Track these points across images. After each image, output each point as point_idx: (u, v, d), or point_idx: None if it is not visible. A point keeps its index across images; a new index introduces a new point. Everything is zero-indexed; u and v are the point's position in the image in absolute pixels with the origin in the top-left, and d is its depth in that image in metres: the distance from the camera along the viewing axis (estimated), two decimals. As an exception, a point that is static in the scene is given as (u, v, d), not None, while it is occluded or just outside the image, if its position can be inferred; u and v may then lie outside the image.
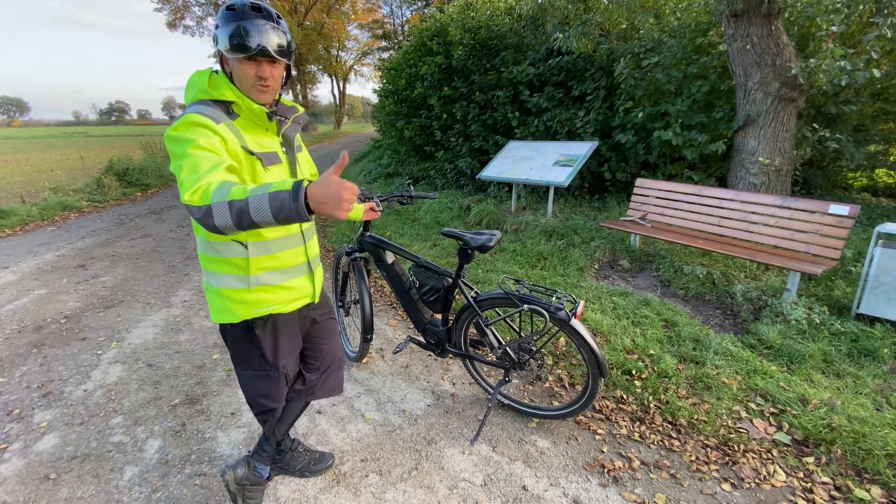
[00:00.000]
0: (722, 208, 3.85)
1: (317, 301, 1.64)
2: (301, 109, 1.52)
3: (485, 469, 1.99)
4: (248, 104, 1.29)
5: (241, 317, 1.44)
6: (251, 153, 1.29)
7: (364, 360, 2.88)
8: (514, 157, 6.19)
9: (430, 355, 2.97)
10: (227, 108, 1.30)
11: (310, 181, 1.03)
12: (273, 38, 1.26)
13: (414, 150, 9.18)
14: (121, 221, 7.18)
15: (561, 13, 6.70)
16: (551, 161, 5.64)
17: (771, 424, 2.17)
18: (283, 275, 1.48)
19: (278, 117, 1.41)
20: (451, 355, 2.45)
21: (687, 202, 4.13)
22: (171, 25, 28.67)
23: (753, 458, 2.00)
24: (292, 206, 1.00)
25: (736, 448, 2.05)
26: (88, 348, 3.11)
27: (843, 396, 2.28)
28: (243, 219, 1.02)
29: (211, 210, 1.03)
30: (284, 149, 1.45)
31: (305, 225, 1.53)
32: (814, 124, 4.99)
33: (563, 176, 5.28)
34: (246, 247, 1.38)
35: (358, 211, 2.17)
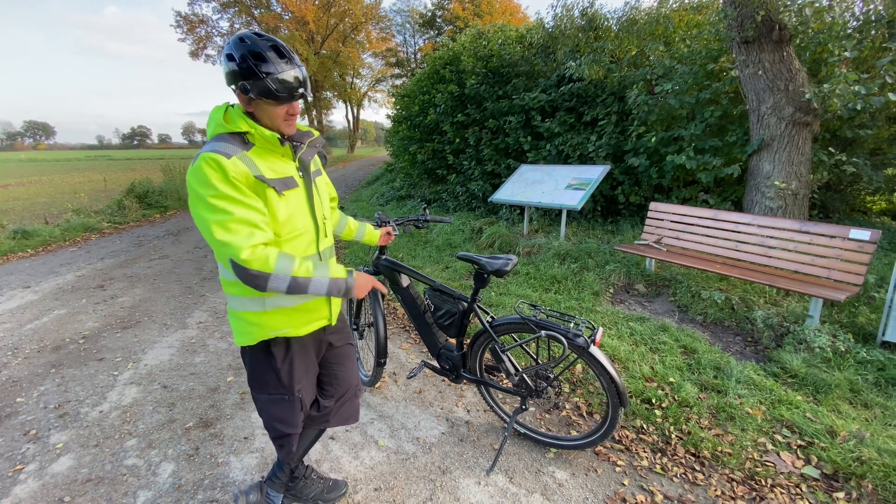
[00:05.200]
0: (739, 232, 3.81)
1: (334, 324, 1.64)
2: (316, 133, 1.55)
3: (501, 501, 1.94)
4: (260, 132, 1.33)
5: (257, 338, 1.46)
6: (263, 181, 1.32)
7: (377, 385, 2.86)
8: (526, 180, 6.24)
9: (444, 381, 2.94)
10: (242, 138, 1.35)
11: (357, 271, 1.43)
12: (298, 78, 1.33)
13: (426, 173, 9.30)
14: (140, 243, 7.33)
15: (571, 41, 6.85)
16: (563, 184, 5.66)
17: (799, 457, 2.09)
18: (300, 297, 1.49)
19: (293, 143, 1.45)
20: (465, 381, 2.42)
21: (702, 226, 4.09)
22: (194, 55, 29.91)
23: (782, 493, 1.92)
24: (345, 291, 1.38)
25: (763, 482, 1.97)
26: (105, 369, 3.14)
27: (872, 428, 2.19)
28: (297, 289, 1.29)
29: (269, 277, 1.24)
30: (301, 173, 1.48)
31: (323, 246, 1.55)
32: (830, 148, 4.96)
33: (575, 199, 5.30)
34: None
35: (373, 235, 2.19)
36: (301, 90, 1.35)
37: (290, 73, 1.30)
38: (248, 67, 1.27)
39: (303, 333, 1.53)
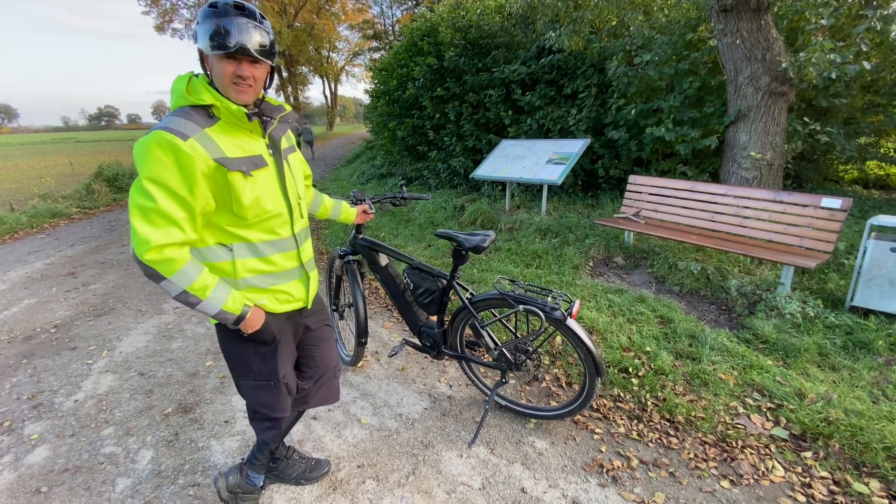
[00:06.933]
0: (715, 203, 3.86)
1: (309, 307, 1.61)
2: (288, 108, 1.47)
3: (483, 472, 1.97)
4: (226, 105, 1.24)
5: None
6: (224, 165, 1.24)
7: (359, 364, 2.86)
8: (508, 155, 6.18)
9: (426, 357, 2.95)
10: (207, 111, 1.26)
11: (253, 308, 1.38)
12: (255, 37, 1.23)
13: (407, 150, 9.15)
14: (111, 227, 7.10)
15: (551, 11, 6.69)
16: (544, 159, 5.63)
17: (768, 419, 2.17)
18: (274, 279, 1.45)
19: (264, 118, 1.37)
20: (447, 357, 2.43)
21: (680, 198, 4.13)
22: (160, 29, 28.45)
23: (752, 453, 1.99)
24: (232, 323, 1.36)
25: (734, 444, 2.04)
26: (79, 358, 3.06)
27: (839, 390, 2.28)
28: (184, 302, 1.27)
29: (164, 281, 1.21)
30: (271, 151, 1.40)
31: (298, 228, 1.50)
32: (804, 118, 5.02)
33: (556, 174, 5.28)
34: (231, 249, 1.35)
35: (350, 214, 2.14)
36: (252, 49, 1.22)
37: (243, 25, 1.21)
38: (203, 14, 1.22)
39: (279, 311, 1.49)
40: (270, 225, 1.39)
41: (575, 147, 5.54)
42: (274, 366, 1.51)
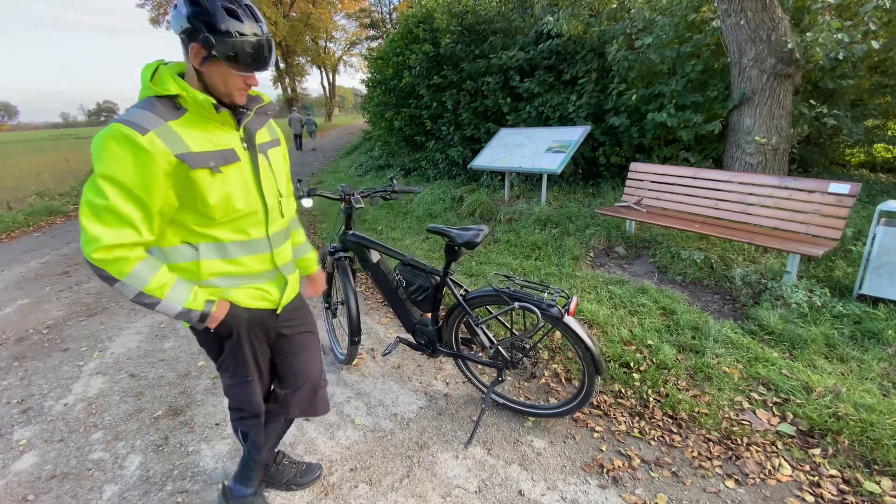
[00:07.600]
0: (718, 190, 3.75)
1: (279, 312, 1.49)
2: (266, 98, 1.36)
3: (479, 474, 1.91)
4: (192, 95, 1.15)
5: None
6: (187, 163, 1.15)
7: (354, 363, 2.79)
8: (506, 144, 6.06)
9: (421, 354, 2.88)
10: (173, 102, 1.17)
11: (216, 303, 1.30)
12: (266, 47, 1.20)
13: (404, 140, 9.02)
14: (108, 225, 7.04)
15: (549, -6, 6.53)
16: (544, 147, 5.51)
17: (774, 415, 2.10)
18: (243, 279, 1.36)
19: (239, 108, 1.27)
20: (442, 355, 2.37)
21: (682, 185, 4.02)
22: (155, 21, 28.18)
23: (758, 451, 1.92)
24: (197, 321, 1.27)
25: (739, 441, 1.98)
26: (70, 359, 3.01)
27: (848, 382, 2.21)
28: (142, 304, 1.19)
29: (116, 283, 1.14)
30: (245, 144, 1.30)
31: (274, 229, 1.39)
32: (810, 100, 4.87)
33: (556, 163, 5.17)
34: (197, 249, 1.27)
35: (310, 265, 1.77)
36: (267, 58, 1.21)
37: (261, 40, 1.17)
38: (217, 20, 1.09)
39: (243, 304, 1.38)
40: (241, 224, 1.30)
41: (575, 134, 5.42)
42: (244, 360, 1.43)
